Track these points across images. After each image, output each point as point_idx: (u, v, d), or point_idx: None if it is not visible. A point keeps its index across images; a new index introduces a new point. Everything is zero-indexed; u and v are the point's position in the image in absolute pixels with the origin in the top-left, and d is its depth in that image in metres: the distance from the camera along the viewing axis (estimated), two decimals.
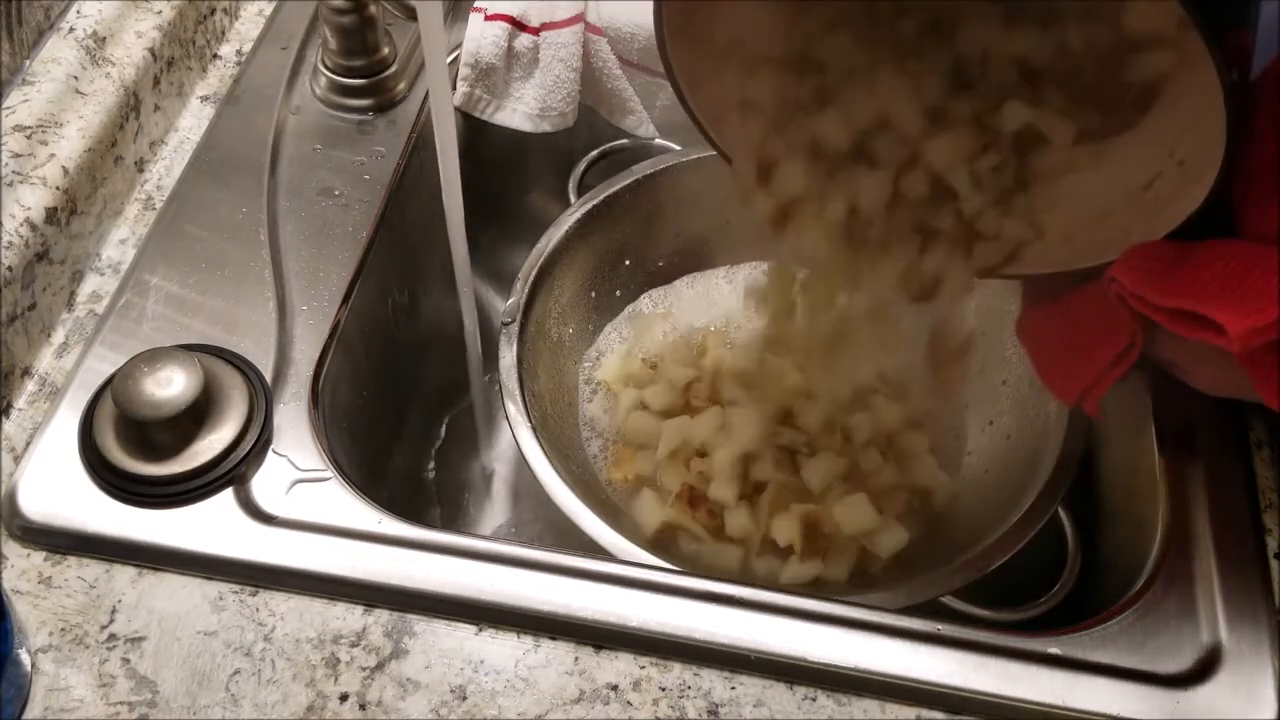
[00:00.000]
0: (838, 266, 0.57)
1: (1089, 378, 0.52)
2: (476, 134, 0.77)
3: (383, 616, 0.50)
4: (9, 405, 0.56)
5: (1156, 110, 0.52)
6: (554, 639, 0.50)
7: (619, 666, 0.49)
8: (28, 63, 0.63)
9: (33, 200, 0.57)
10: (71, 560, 0.51)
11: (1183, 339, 0.46)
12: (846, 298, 0.61)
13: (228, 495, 0.53)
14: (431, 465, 0.80)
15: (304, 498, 0.53)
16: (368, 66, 0.70)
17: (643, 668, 0.49)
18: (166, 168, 0.67)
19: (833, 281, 0.61)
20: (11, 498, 0.52)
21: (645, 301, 0.77)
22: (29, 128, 0.60)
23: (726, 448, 0.66)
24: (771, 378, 0.69)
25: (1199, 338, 0.44)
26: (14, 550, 0.51)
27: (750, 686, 0.49)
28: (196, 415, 0.53)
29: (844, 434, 0.67)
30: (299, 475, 0.54)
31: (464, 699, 0.48)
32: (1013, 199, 0.56)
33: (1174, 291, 0.46)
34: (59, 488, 0.52)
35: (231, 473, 0.53)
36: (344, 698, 0.48)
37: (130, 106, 0.65)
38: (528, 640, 0.50)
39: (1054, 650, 0.49)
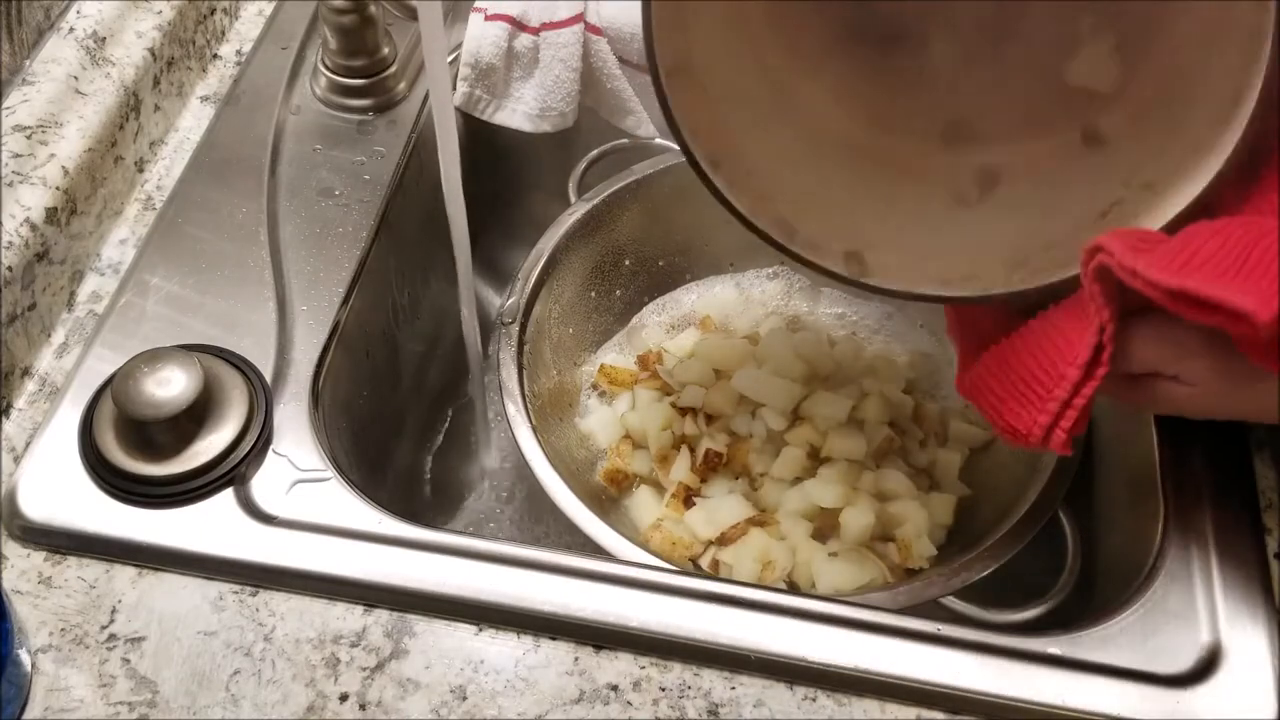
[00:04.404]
0: None
1: (1055, 402, 0.45)
2: (476, 134, 0.77)
3: (383, 616, 0.50)
4: (9, 405, 0.56)
5: (1115, 139, 0.49)
6: (554, 639, 0.50)
7: (619, 666, 0.49)
8: (28, 63, 0.63)
9: (33, 200, 0.57)
10: (71, 560, 0.51)
11: (1167, 335, 0.42)
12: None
13: (228, 495, 0.53)
14: (431, 465, 0.79)
15: (304, 498, 0.53)
16: (368, 66, 0.70)
17: (643, 668, 0.49)
18: (166, 168, 0.67)
19: None
20: (11, 498, 0.52)
21: (645, 301, 0.77)
22: (29, 128, 0.60)
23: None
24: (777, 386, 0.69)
25: (1213, 323, 0.39)
26: (14, 550, 0.51)
27: (750, 686, 0.49)
28: (196, 415, 0.53)
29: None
30: (299, 475, 0.54)
31: (464, 699, 0.48)
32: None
33: (1176, 268, 0.40)
34: (59, 488, 0.52)
35: (231, 473, 0.53)
36: (344, 698, 0.48)
37: (130, 106, 0.65)
38: (528, 640, 0.50)
39: (1054, 650, 0.49)
